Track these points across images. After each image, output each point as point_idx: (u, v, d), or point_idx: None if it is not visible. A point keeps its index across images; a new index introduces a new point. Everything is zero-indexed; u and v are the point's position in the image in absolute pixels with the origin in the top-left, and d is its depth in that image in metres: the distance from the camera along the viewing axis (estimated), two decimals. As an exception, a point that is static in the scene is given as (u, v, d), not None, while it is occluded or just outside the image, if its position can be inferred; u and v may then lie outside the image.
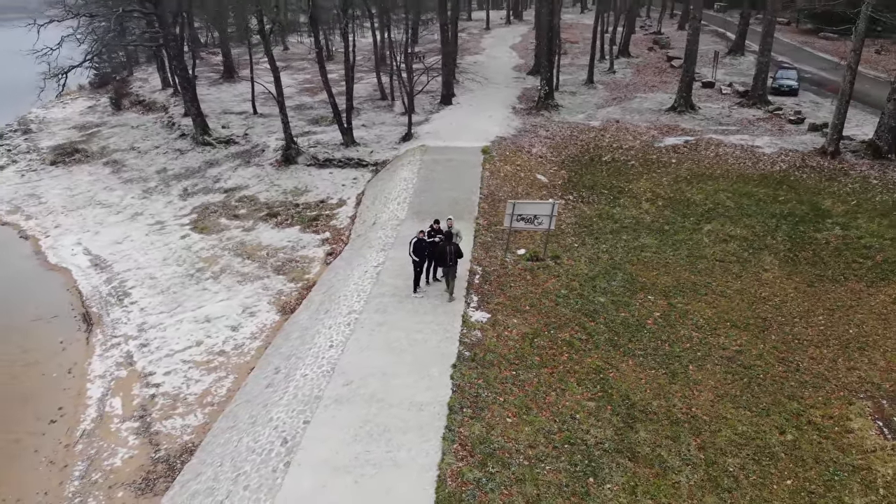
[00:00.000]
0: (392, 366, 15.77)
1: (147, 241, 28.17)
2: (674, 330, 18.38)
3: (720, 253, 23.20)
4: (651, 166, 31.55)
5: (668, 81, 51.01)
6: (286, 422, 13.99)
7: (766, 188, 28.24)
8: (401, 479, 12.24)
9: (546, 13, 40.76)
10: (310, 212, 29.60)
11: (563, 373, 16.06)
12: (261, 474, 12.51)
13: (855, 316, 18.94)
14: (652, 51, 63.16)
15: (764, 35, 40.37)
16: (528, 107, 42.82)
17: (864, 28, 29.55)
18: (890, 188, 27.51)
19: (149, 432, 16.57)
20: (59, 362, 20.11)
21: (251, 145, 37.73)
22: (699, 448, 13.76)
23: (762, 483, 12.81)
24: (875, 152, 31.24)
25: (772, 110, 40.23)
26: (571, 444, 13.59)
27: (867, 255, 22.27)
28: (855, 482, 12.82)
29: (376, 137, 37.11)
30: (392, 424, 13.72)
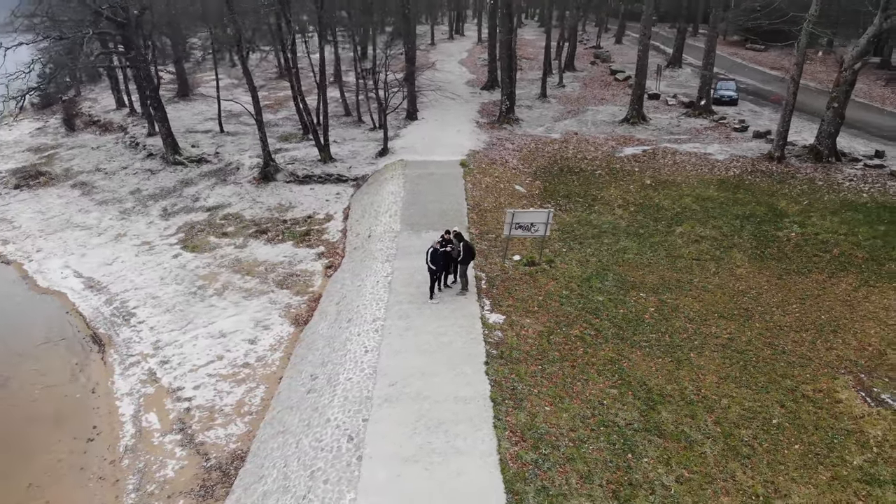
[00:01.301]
0: (428, 366, 16.98)
1: (138, 261, 28.33)
2: (669, 322, 20.25)
3: (695, 252, 25.36)
4: (617, 175, 33.77)
5: (615, 94, 53.92)
6: (346, 421, 15.02)
7: (726, 192, 30.81)
8: (467, 464, 13.49)
9: (505, 31, 42.69)
10: (299, 227, 30.36)
11: (583, 365, 17.63)
12: (336, 469, 13.51)
13: (823, 303, 21.30)
14: (594, 64, 66.29)
15: (707, 50, 43.55)
16: (490, 121, 44.66)
17: (804, 43, 32.68)
18: (834, 188, 30.52)
19: (193, 443, 17.20)
20: (80, 383, 20.37)
21: (224, 163, 38.08)
22: (715, 423, 15.54)
23: (774, 449, 14.67)
24: (816, 156, 34.45)
25: (717, 119, 43.39)
26: (606, 427, 15.14)
27: (825, 249, 24.87)
28: (851, 443, 14.84)
29: (351, 153, 38.11)
30: (444, 417, 14.95)
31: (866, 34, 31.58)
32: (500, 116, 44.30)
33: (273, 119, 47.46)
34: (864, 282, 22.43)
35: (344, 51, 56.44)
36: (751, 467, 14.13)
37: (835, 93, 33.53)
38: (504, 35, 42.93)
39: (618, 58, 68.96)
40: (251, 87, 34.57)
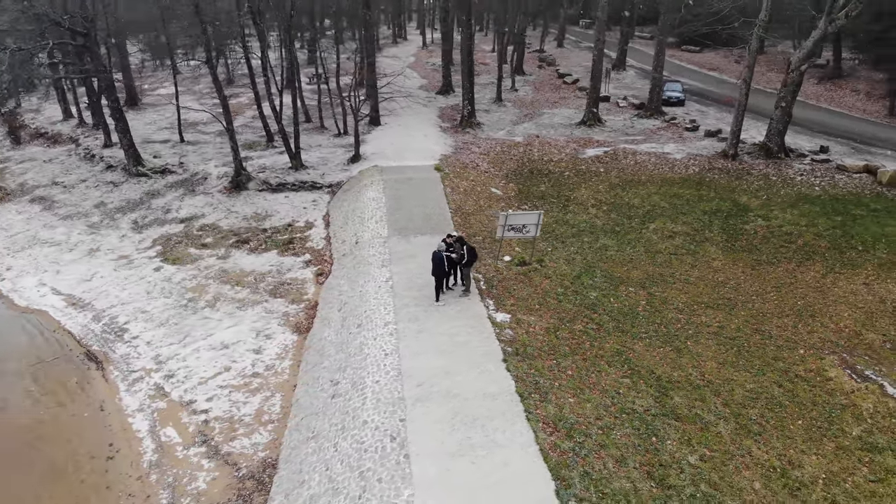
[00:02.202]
0: (450, 366, 17.60)
1: (119, 276, 27.80)
2: (661, 314, 21.49)
3: (671, 247, 26.82)
4: (584, 176, 35.13)
5: (566, 97, 55.62)
6: (383, 422, 15.48)
7: (690, 189, 32.55)
8: (510, 456, 14.20)
9: (465, 38, 43.60)
10: (280, 236, 30.38)
11: (593, 358, 18.60)
12: (387, 468, 13.99)
13: (797, 290, 23.00)
14: (541, 68, 68.04)
15: (656, 53, 45.55)
16: (452, 125, 45.48)
17: (755, 47, 34.84)
18: (788, 183, 32.69)
19: (220, 454, 17.29)
20: (84, 401, 20.04)
21: (190, 174, 37.56)
22: (723, 405, 16.75)
23: (781, 425, 15.97)
24: (767, 153, 36.71)
25: (668, 120, 45.48)
26: (626, 414, 16.12)
27: (790, 240, 26.73)
28: (847, 416, 16.30)
29: (320, 160, 38.21)
30: (478, 414, 15.61)
31: (812, 37, 33.92)
32: (461, 121, 45.17)
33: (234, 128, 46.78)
34: (829, 269, 24.28)
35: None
36: (763, 443, 15.36)
37: (783, 93, 35.83)
38: (464, 41, 43.80)
39: (562, 61, 70.93)
40: (221, 95, 34.30)
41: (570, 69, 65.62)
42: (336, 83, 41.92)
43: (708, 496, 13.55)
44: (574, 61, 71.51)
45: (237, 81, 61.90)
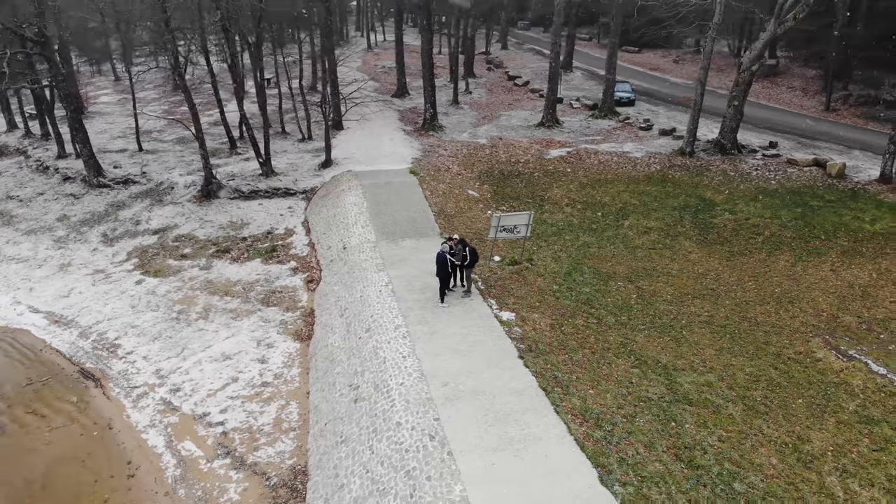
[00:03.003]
0: (470, 365, 18.11)
1: (98, 290, 27.10)
2: (653, 307, 22.58)
3: (648, 242, 28.07)
4: (553, 176, 36.18)
5: (519, 99, 56.82)
6: (419, 422, 15.85)
7: (656, 186, 34.02)
8: (549, 448, 14.84)
9: (426, 42, 44.08)
10: (261, 244, 30.17)
11: (600, 351, 19.46)
12: (433, 465, 14.39)
13: (772, 279, 24.54)
14: (490, 70, 69.16)
15: (609, 55, 47.14)
16: (415, 128, 45.89)
17: (710, 49, 36.64)
18: (745, 177, 34.59)
19: (246, 465, 17.29)
20: (90, 420, 19.60)
21: (154, 183, 36.71)
22: (729, 388, 17.85)
23: (784, 404, 17.18)
24: (721, 149, 38.65)
25: (622, 120, 47.17)
26: (644, 402, 17.01)
27: (757, 231, 28.39)
28: (841, 393, 17.65)
29: (289, 165, 37.98)
30: (508, 409, 16.19)
31: (761, 39, 35.94)
32: (424, 124, 45.62)
33: (187, 135, 45.86)
34: (798, 258, 25.96)
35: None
36: (771, 421, 16.50)
37: (734, 92, 37.84)
38: (425, 45, 44.29)
39: (509, 63, 72.22)
40: (190, 103, 33.69)
41: (518, 71, 66.93)
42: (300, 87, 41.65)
43: (733, 473, 14.53)
44: (520, 63, 72.92)
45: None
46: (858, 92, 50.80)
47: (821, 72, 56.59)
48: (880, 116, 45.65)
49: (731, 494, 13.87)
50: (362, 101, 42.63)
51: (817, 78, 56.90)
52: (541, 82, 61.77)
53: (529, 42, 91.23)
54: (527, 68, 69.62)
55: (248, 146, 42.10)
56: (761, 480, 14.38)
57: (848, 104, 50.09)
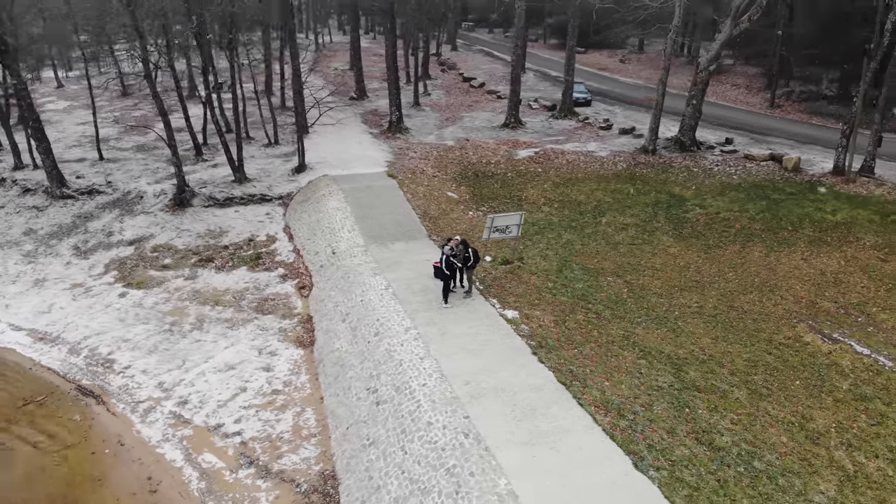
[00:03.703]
0: (486, 363, 18.60)
1: (80, 305, 26.36)
2: (645, 300, 23.57)
3: (627, 238, 29.15)
4: (526, 176, 37.01)
5: (478, 101, 57.56)
6: (450, 421, 16.23)
7: (626, 184, 35.24)
8: (580, 439, 15.47)
9: (390, 45, 44.31)
10: (244, 252, 29.88)
11: (605, 344, 20.25)
12: (474, 462, 14.80)
13: (750, 269, 25.91)
14: (444, 72, 69.72)
15: (567, 57, 48.35)
16: (380, 131, 46.04)
17: (670, 50, 38.15)
18: (708, 173, 36.21)
19: (272, 473, 17.31)
20: (98, 438, 19.19)
21: (121, 193, 35.74)
22: (731, 374, 18.90)
23: (784, 386, 18.31)
24: (681, 147, 40.26)
25: (582, 120, 48.46)
26: (656, 391, 17.85)
27: (729, 225, 29.85)
28: (833, 373, 18.94)
29: (260, 171, 37.59)
30: (533, 404, 16.75)
31: (718, 40, 37.64)
32: (390, 126, 45.81)
33: (146, 142, 44.76)
34: (770, 249, 27.47)
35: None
36: (775, 403, 17.60)
37: (693, 91, 39.50)
38: (389, 48, 44.49)
39: (462, 65, 72.92)
40: (161, 110, 32.99)
41: (472, 73, 67.69)
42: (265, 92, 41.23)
43: (751, 453, 15.49)
44: (472, 64, 73.76)
45: (134, 93, 58.68)
46: (800, 88, 53.67)
47: (762, 70, 59.45)
48: (824, 111, 48.39)
49: (753, 472, 14.80)
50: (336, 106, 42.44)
51: (759, 75, 59.74)
52: (496, 84, 62.85)
53: (477, 43, 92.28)
54: (479, 69, 70.47)
55: (213, 153, 41.49)
56: (777, 458, 15.38)
57: (791, 100, 52.84)
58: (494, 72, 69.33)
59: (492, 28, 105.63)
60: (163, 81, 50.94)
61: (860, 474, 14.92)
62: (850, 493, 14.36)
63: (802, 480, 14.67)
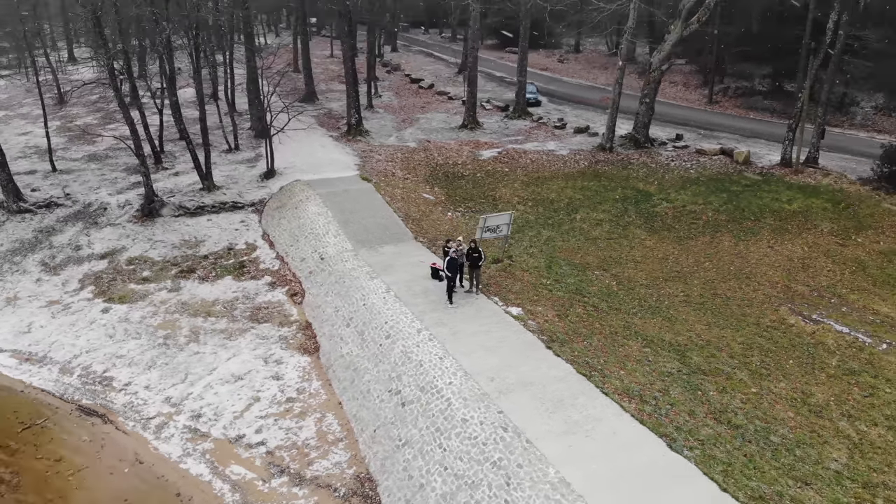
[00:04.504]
0: (505, 359, 19.20)
1: (62, 323, 25.45)
2: (634, 291, 24.72)
3: (604, 234, 30.35)
4: (495, 176, 37.82)
5: (430, 102, 58.05)
6: (484, 416, 16.74)
7: (592, 181, 36.54)
8: (613, 425, 16.30)
9: (348, 48, 44.26)
10: (226, 261, 29.46)
11: (610, 335, 21.22)
12: (518, 454, 15.37)
13: (724, 258, 27.51)
14: (390, 73, 69.84)
15: (520, 59, 49.44)
16: (339, 134, 45.93)
17: (626, 51, 39.69)
18: (666, 168, 37.96)
19: (306, 480, 17.40)
20: (113, 457, 18.74)
21: (82, 205, 34.47)
22: (730, 357, 20.18)
23: (780, 365, 19.71)
24: (636, 143, 41.96)
25: (536, 120, 49.67)
26: (668, 376, 18.91)
27: (696, 217, 31.49)
28: (821, 351, 20.49)
29: (227, 178, 36.98)
30: (560, 396, 17.47)
31: (669, 41, 39.44)
32: (349, 129, 45.75)
33: (96, 151, 43.17)
34: (738, 238, 29.19)
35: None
36: (775, 381, 18.95)
37: (646, 90, 41.26)
38: (347, 51, 44.46)
39: (405, 66, 73.20)
40: (128, 119, 32.02)
41: (418, 74, 68.09)
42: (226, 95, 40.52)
43: (766, 428, 16.70)
44: (416, 65, 74.16)
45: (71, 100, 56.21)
46: (735, 85, 56.67)
47: (697, 67, 62.37)
48: (759, 106, 51.35)
49: (772, 446, 15.99)
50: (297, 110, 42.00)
51: (694, 73, 62.62)
52: (444, 85, 63.54)
53: (414, 44, 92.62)
54: (424, 70, 70.95)
55: (172, 160, 40.53)
56: (789, 431, 16.66)
57: (727, 96, 55.77)
58: (439, 73, 70.00)
59: (427, 29, 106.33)
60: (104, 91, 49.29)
61: (865, 441, 16.34)
62: (859, 458, 15.73)
63: (816, 450, 15.95)
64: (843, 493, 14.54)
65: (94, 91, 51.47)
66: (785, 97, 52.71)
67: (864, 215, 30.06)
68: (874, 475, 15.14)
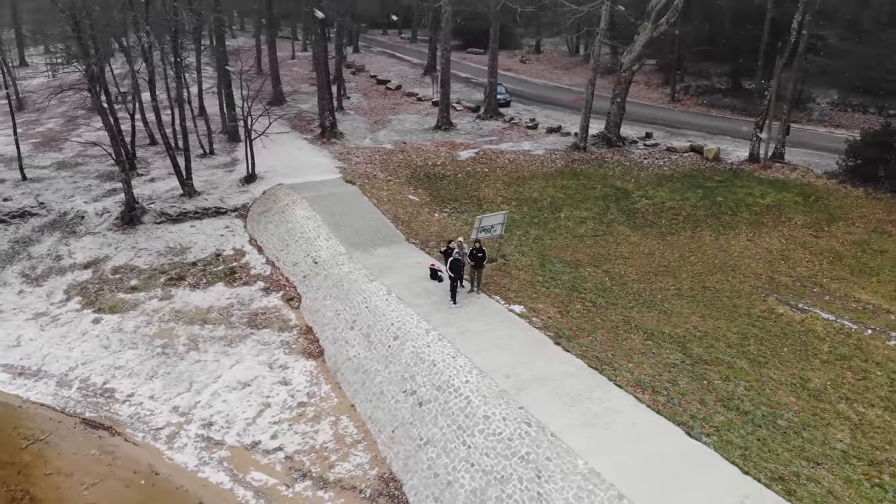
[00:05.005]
0: (516, 356, 19.63)
1: (53, 335, 24.87)
2: (627, 286, 25.47)
3: (589, 231, 31.10)
4: (476, 177, 38.27)
5: (399, 103, 58.17)
6: (507, 412, 17.12)
7: (570, 180, 37.32)
8: (631, 416, 16.88)
9: (321, 50, 44.18)
10: (215, 267, 29.15)
11: (612, 329, 21.86)
12: (546, 448, 15.80)
13: (707, 252, 28.52)
14: (355, 74, 69.60)
15: (490, 61, 50.03)
16: (314, 136, 45.73)
17: (598, 52, 40.60)
18: (640, 166, 39.00)
19: (329, 483, 17.51)
20: (127, 470, 18.48)
21: (57, 214, 33.58)
22: (728, 346, 21.03)
23: (775, 353, 20.64)
24: (608, 142, 42.95)
25: (508, 120, 50.33)
26: (673, 367, 19.62)
27: (676, 213, 32.51)
28: (812, 338, 21.52)
29: (205, 183, 36.48)
30: (576, 390, 17.98)
31: (640, 41, 40.50)
32: (323, 132, 45.58)
33: (66, 159, 42.03)
34: (718, 233, 30.28)
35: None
36: (773, 368, 19.86)
37: (617, 90, 42.27)
38: (320, 53, 44.35)
39: (369, 67, 73.03)
40: (107, 125, 31.36)
41: (383, 75, 68.08)
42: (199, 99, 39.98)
43: (772, 413, 17.53)
44: (380, 66, 74.10)
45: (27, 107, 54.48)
46: (696, 83, 58.40)
47: (657, 66, 63.96)
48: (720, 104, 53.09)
49: (781, 430, 16.82)
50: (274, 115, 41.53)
51: (655, 72, 64.19)
52: (411, 86, 63.70)
53: (374, 45, 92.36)
54: (388, 71, 70.93)
55: (146, 166, 39.82)
56: (793, 415, 17.53)
57: (689, 94, 57.42)
58: (405, 74, 70.11)
59: (385, 30, 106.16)
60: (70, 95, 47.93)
61: (864, 422, 17.31)
62: (862, 438, 16.68)
63: (821, 432, 16.85)
64: (851, 471, 15.41)
65: (58, 97, 49.92)
66: (744, 95, 54.67)
67: (834, 207, 31.52)
68: (878, 453, 16.08)
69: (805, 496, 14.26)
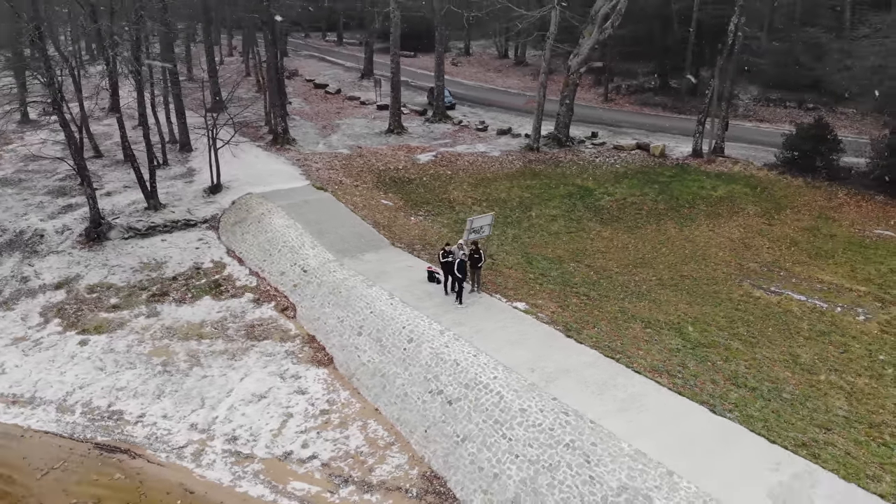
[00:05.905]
0: (534, 351, 20.54)
1: (38, 360, 23.78)
2: (613, 279, 26.89)
3: (562, 228, 32.46)
4: (441, 179, 38.97)
5: (342, 107, 58.07)
6: (543, 404, 17.97)
7: (532, 180, 38.64)
8: (659, 398, 18.13)
9: (272, 56, 43.69)
10: (196, 281, 28.59)
11: (612, 320, 23.14)
12: (589, 434, 16.75)
13: (676, 243, 30.39)
14: (290, 79, 68.55)
15: (436, 64, 50.85)
16: (266, 143, 45.15)
17: (549, 56, 42.14)
18: (594, 164, 40.85)
19: (374, 486, 17.84)
20: (158, 492, 18.15)
21: (12, 234, 31.91)
22: (719, 330, 22.70)
23: (762, 333, 22.45)
24: (558, 142, 44.66)
25: (457, 123, 51.29)
26: (678, 351, 21.07)
27: (639, 208, 34.36)
28: (792, 318, 23.50)
29: (168, 195, 35.50)
30: (600, 379, 19.07)
31: (586, 45, 42.32)
32: (276, 138, 45.07)
33: (7, 175, 39.79)
34: (681, 225, 32.28)
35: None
36: (765, 348, 21.63)
37: (565, 92, 44.03)
38: (271, 59, 43.88)
39: (302, 71, 72.39)
40: (69, 138, 30.07)
41: (320, 79, 67.70)
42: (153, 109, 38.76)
43: (776, 388, 19.21)
44: (313, 70, 73.57)
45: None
46: (626, 83, 61.23)
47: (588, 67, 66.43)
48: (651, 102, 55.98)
49: (788, 402, 18.50)
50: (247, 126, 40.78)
51: (586, 73, 66.62)
52: (351, 90, 63.69)
53: (301, 48, 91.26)
54: (323, 75, 70.58)
55: (98, 179, 38.21)
56: (794, 388, 19.27)
57: (621, 94, 60.21)
58: (340, 77, 69.95)
59: (308, 33, 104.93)
60: None
61: (856, 390, 19.24)
62: (857, 403, 18.56)
63: (822, 402, 18.62)
64: (857, 433, 17.19)
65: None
66: (673, 93, 57.88)
67: (780, 197, 34.22)
68: (874, 416, 17.96)
69: (829, 458, 15.87)
